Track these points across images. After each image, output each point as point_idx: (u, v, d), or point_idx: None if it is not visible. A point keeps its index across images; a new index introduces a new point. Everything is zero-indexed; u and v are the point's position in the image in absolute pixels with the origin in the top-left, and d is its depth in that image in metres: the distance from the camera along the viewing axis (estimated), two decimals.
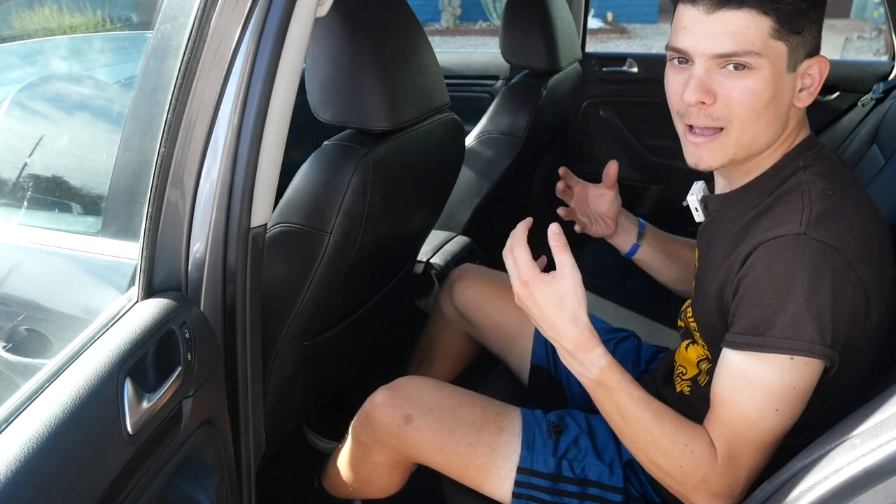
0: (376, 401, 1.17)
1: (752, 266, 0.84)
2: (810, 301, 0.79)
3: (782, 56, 0.84)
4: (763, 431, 0.84)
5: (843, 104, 2.29)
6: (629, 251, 1.28)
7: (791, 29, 0.82)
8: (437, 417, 1.13)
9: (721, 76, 0.84)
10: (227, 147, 0.84)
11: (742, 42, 0.81)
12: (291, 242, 1.11)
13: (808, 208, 0.83)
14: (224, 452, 0.93)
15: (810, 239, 0.80)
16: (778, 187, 0.89)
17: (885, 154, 1.68)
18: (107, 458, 0.69)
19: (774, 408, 0.83)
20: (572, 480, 1.08)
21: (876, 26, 9.10)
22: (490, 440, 1.11)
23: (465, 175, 1.98)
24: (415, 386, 1.18)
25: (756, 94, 0.83)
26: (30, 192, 1.17)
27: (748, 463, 0.86)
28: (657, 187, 2.58)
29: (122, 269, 0.93)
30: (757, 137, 0.87)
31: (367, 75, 1.10)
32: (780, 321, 0.80)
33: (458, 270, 1.53)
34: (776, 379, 0.82)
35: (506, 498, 1.10)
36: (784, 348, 0.81)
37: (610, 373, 0.90)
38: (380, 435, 1.17)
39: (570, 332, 0.89)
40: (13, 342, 0.97)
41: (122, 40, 1.75)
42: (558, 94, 2.17)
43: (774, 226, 0.84)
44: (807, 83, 0.87)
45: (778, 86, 0.84)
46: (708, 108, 0.85)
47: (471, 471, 1.11)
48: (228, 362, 0.93)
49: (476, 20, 10.76)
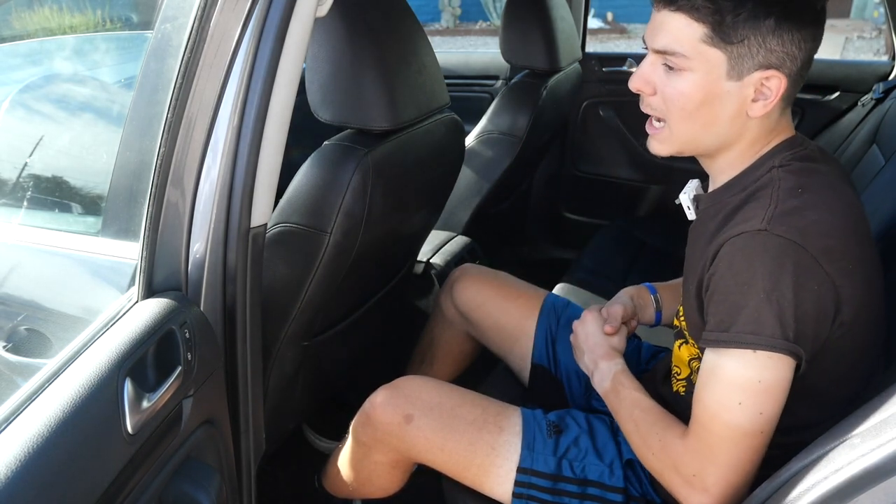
0: (376, 400, 1.17)
1: (718, 263, 0.85)
2: (770, 295, 0.80)
3: (719, 63, 0.85)
4: (726, 424, 0.85)
5: (843, 104, 2.29)
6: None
7: (726, 39, 0.83)
8: (437, 417, 1.13)
9: (662, 72, 0.89)
10: (227, 147, 0.84)
11: (673, 42, 0.86)
12: (291, 242, 1.11)
13: (774, 205, 0.84)
14: (224, 452, 0.93)
15: (770, 235, 0.81)
16: (751, 185, 0.90)
17: (885, 154, 1.68)
18: (107, 458, 0.69)
19: (737, 401, 0.83)
20: (572, 480, 1.08)
21: (876, 26, 9.10)
22: (490, 439, 1.11)
23: (465, 175, 1.98)
24: (415, 385, 1.18)
25: (685, 95, 0.87)
26: (30, 192, 1.17)
27: (715, 457, 0.86)
28: (657, 187, 2.58)
29: (122, 269, 0.93)
30: (696, 136, 0.91)
31: (367, 75, 1.10)
32: (742, 316, 0.82)
33: (459, 270, 1.53)
34: (739, 372, 0.83)
35: (506, 498, 1.10)
36: (746, 343, 0.82)
37: (621, 376, 1.05)
38: (380, 434, 1.17)
39: (602, 346, 1.12)
40: (13, 342, 0.97)
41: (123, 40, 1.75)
42: (558, 94, 2.17)
43: (740, 223, 0.85)
44: (764, 94, 0.87)
45: (712, 91, 0.86)
46: (647, 98, 0.93)
47: (471, 470, 1.11)
48: (228, 362, 0.93)
49: (476, 20, 10.76)
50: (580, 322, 1.17)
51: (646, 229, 2.19)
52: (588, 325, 1.15)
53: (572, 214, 2.71)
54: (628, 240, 2.11)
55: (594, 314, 1.16)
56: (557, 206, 2.73)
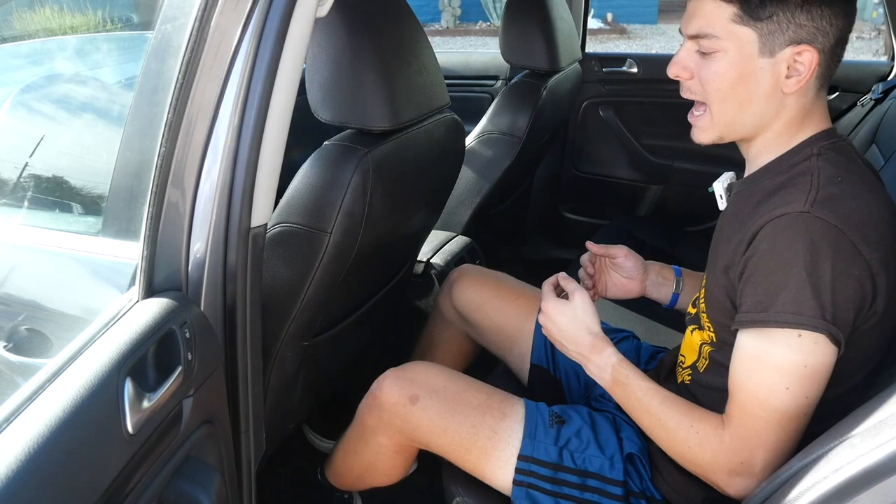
0: (384, 382, 1.20)
1: (758, 245, 0.86)
2: (811, 277, 0.81)
3: (750, 41, 0.88)
4: (774, 409, 0.85)
5: (843, 104, 2.29)
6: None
7: (755, 16, 0.87)
8: (442, 399, 1.15)
9: (697, 57, 0.93)
10: (227, 147, 0.84)
11: (705, 26, 0.89)
12: (292, 242, 1.11)
13: (815, 190, 0.85)
14: (224, 452, 0.93)
15: (813, 217, 0.82)
16: (789, 171, 0.91)
17: (885, 154, 1.68)
18: (107, 458, 0.69)
19: (785, 385, 0.84)
20: (573, 471, 1.08)
21: (875, 26, 9.10)
22: (493, 423, 1.13)
23: (465, 175, 1.98)
24: (422, 369, 1.21)
25: (719, 75, 0.90)
26: (31, 192, 1.17)
27: (764, 442, 0.87)
28: (657, 187, 2.58)
29: (122, 268, 0.93)
30: (734, 117, 0.93)
31: (367, 75, 1.10)
32: (782, 296, 0.82)
33: (458, 271, 1.53)
34: (785, 356, 0.84)
35: (506, 484, 1.10)
36: (787, 322, 0.82)
37: (620, 368, 1.01)
38: (386, 416, 1.18)
39: (585, 339, 1.05)
40: (14, 342, 0.97)
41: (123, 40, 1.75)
42: (558, 95, 2.17)
43: (780, 205, 0.86)
44: (797, 70, 0.88)
45: (746, 68, 0.89)
46: (686, 83, 0.95)
47: (472, 453, 1.13)
48: (228, 362, 0.93)
49: (476, 20, 10.76)
50: (544, 316, 1.08)
51: (646, 229, 2.19)
52: (556, 318, 1.07)
53: (572, 214, 2.71)
54: (628, 240, 2.11)
55: (553, 303, 1.08)
56: (557, 206, 2.73)
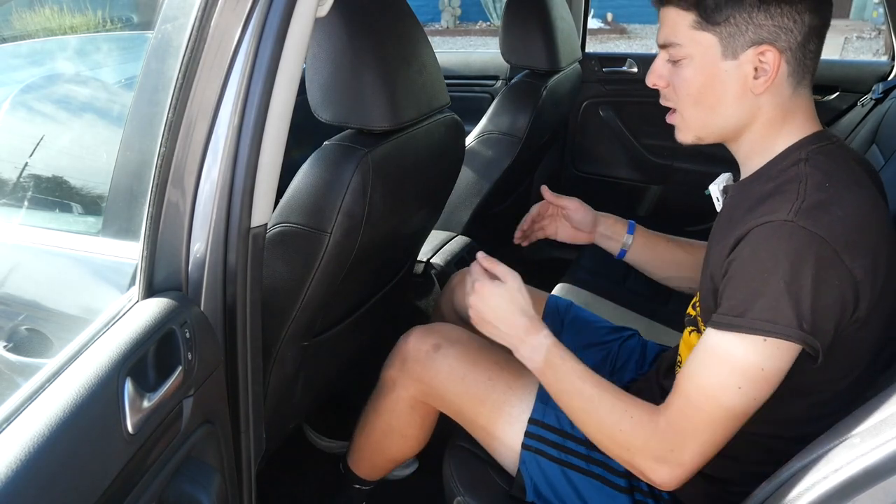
0: (410, 334, 1.27)
1: (741, 250, 0.86)
2: (790, 286, 0.81)
3: (712, 45, 0.90)
4: (721, 406, 0.85)
5: (843, 104, 2.29)
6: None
7: (712, 20, 0.88)
8: (464, 350, 1.21)
9: (670, 65, 0.95)
10: (227, 147, 0.84)
11: (670, 34, 0.92)
12: (292, 242, 1.11)
13: (801, 198, 0.85)
14: (224, 452, 0.93)
15: (797, 226, 0.82)
16: (777, 177, 0.91)
17: (885, 154, 1.68)
18: (107, 458, 0.69)
19: (737, 385, 0.84)
20: (581, 441, 1.09)
21: (875, 26, 9.10)
22: (509, 379, 1.18)
23: (465, 175, 1.98)
24: (447, 326, 1.29)
25: (688, 81, 0.93)
26: (31, 192, 1.17)
27: (700, 435, 0.87)
28: (657, 187, 2.58)
29: (122, 268, 0.93)
30: (706, 120, 0.95)
31: (367, 75, 1.10)
32: (759, 304, 0.82)
33: (459, 275, 1.53)
34: (746, 357, 0.84)
35: (515, 444, 1.13)
36: (760, 330, 0.82)
37: (555, 349, 1.01)
38: (408, 364, 1.24)
39: (520, 321, 1.03)
40: (14, 342, 0.98)
41: (123, 40, 1.75)
42: (558, 95, 2.17)
43: (767, 213, 0.85)
44: (764, 70, 0.89)
45: (711, 73, 0.91)
46: (663, 91, 0.98)
47: (486, 406, 1.16)
48: (228, 362, 0.93)
49: (476, 20, 10.77)
50: (476, 297, 1.04)
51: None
52: (490, 299, 1.03)
53: None
54: None
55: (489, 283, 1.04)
56: None
